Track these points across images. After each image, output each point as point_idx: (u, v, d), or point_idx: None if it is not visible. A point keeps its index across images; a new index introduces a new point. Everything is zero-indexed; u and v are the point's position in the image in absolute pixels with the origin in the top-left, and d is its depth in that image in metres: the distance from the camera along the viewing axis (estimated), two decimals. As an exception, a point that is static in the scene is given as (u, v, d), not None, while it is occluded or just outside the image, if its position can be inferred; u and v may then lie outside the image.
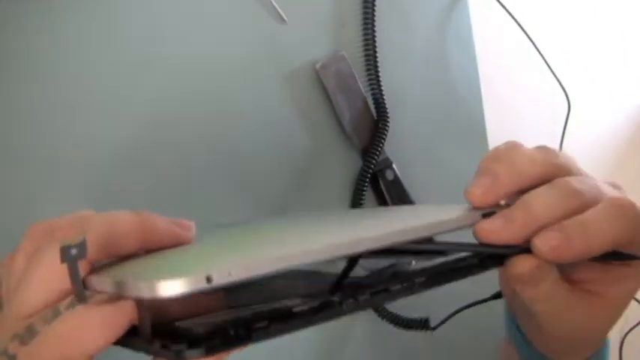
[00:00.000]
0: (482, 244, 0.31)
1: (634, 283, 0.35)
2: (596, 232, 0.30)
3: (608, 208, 0.31)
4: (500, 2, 0.72)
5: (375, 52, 0.59)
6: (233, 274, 0.23)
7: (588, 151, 0.82)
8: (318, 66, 0.56)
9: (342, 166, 0.58)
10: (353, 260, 0.29)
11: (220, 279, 0.23)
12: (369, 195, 0.58)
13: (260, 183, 0.54)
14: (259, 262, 0.24)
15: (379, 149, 0.57)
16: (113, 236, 0.28)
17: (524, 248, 0.31)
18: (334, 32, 0.59)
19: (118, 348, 0.27)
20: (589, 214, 0.31)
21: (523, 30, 0.73)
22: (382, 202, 0.58)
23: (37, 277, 0.27)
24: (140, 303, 0.26)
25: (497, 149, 0.35)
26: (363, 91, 0.58)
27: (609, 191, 0.33)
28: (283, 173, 0.55)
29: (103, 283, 0.26)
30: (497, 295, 0.42)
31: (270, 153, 0.55)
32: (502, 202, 0.33)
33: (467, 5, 0.68)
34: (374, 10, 0.59)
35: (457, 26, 0.67)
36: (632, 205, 0.31)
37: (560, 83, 0.77)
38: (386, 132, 0.58)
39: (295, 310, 0.27)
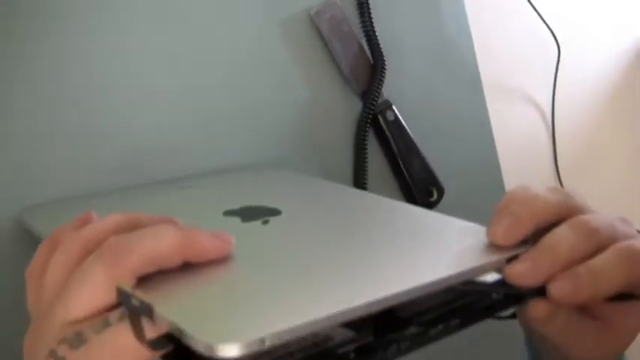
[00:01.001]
0: (505, 286, 0.33)
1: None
2: (605, 278, 0.32)
3: (617, 255, 0.33)
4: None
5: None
6: (284, 336, 0.24)
7: (580, 93, 0.83)
8: (312, 12, 0.57)
9: (343, 109, 0.59)
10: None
11: (273, 341, 0.24)
12: (370, 136, 0.59)
13: (264, 129, 0.55)
14: (309, 324, 0.25)
15: (378, 92, 0.59)
16: (158, 253, 0.29)
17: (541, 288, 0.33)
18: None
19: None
20: (600, 260, 0.33)
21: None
22: (384, 141, 0.60)
23: (84, 290, 0.28)
24: None
25: (511, 192, 0.36)
26: (357, 36, 0.59)
27: (621, 229, 0.35)
28: (286, 118, 0.56)
29: (160, 322, 0.27)
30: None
31: (272, 100, 0.56)
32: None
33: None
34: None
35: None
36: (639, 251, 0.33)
37: (549, 28, 0.78)
38: (383, 75, 0.59)
39: (340, 351, 0.28)
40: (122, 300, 0.27)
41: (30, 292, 0.33)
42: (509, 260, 0.32)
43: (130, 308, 0.27)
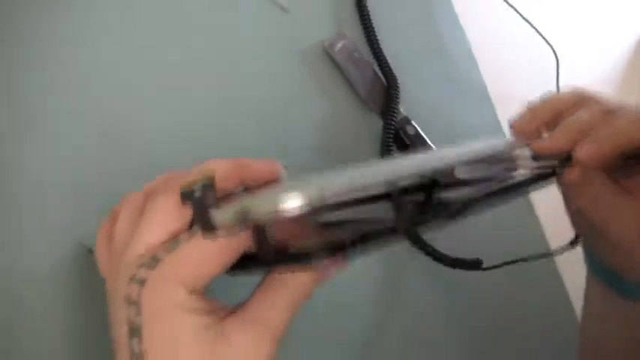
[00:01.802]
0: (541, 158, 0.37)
1: None
2: (623, 134, 0.36)
3: (632, 116, 0.37)
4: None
5: (373, 26, 0.65)
6: (341, 191, 0.27)
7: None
8: (326, 44, 0.62)
9: (365, 128, 0.62)
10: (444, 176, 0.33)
11: (333, 193, 0.26)
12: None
13: (292, 153, 0.58)
14: (363, 179, 0.28)
15: (396, 109, 0.62)
16: (218, 177, 0.32)
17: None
18: (333, 14, 0.65)
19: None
20: (617, 122, 0.37)
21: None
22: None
23: (154, 219, 0.31)
24: (259, 227, 0.30)
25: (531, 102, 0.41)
26: (369, 61, 0.64)
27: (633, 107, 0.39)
28: (310, 142, 0.60)
29: (223, 214, 0.29)
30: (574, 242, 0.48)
31: (296, 124, 0.59)
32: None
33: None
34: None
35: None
36: None
37: (545, 39, 0.82)
38: (398, 93, 0.63)
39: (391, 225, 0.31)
40: (186, 198, 0.29)
41: (100, 255, 0.35)
42: None
43: (195, 203, 0.29)
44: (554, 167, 0.38)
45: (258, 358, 0.31)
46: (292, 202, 0.25)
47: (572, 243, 0.48)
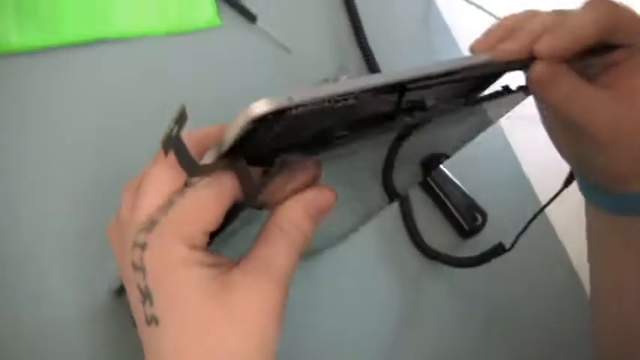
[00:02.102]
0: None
1: None
2: (578, 25, 0.37)
3: (585, 6, 0.38)
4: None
5: (374, 57, 0.67)
6: (308, 91, 0.27)
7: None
8: (330, 79, 0.64)
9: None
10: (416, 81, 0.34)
11: (300, 98, 0.27)
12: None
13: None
14: (333, 87, 0.29)
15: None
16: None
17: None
18: (335, 51, 0.67)
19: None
20: (569, 17, 0.37)
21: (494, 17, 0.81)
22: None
23: (149, 186, 0.32)
24: (241, 167, 0.31)
25: None
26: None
27: None
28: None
29: (207, 155, 0.30)
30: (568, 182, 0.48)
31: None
32: None
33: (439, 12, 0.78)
34: (361, 25, 0.69)
35: (434, 26, 0.76)
36: (607, 0, 0.38)
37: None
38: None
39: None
40: (166, 145, 0.30)
41: (110, 240, 0.36)
42: None
43: (174, 143, 0.29)
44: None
45: (266, 305, 0.31)
46: (260, 108, 0.26)
47: (567, 181, 0.48)
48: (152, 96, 0.57)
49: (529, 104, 0.43)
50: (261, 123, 0.27)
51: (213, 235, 0.32)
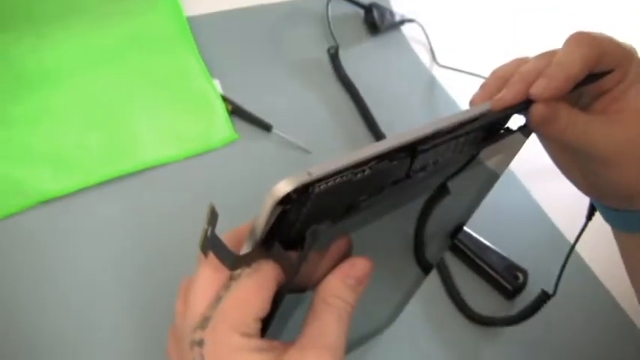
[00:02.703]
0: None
1: (638, 89, 0.42)
2: (568, 63, 0.39)
3: (570, 43, 0.40)
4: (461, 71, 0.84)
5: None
6: (325, 165, 0.29)
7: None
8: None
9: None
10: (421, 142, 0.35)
11: (319, 171, 0.28)
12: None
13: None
14: (348, 156, 0.30)
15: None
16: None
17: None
18: (351, 141, 0.70)
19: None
20: (559, 54, 0.40)
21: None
22: (456, 249, 0.65)
23: (196, 287, 0.34)
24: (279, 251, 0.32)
25: None
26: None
27: None
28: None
29: (244, 248, 0.32)
30: (591, 215, 0.50)
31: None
32: None
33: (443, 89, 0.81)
34: (371, 113, 0.71)
35: (440, 101, 0.79)
36: (587, 34, 0.40)
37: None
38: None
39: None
40: (204, 247, 0.31)
41: (170, 353, 0.37)
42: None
43: (210, 243, 0.31)
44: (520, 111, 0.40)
45: None
46: (283, 188, 0.27)
47: (589, 214, 0.50)
48: (181, 215, 0.59)
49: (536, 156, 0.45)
50: (287, 204, 0.29)
51: (265, 322, 0.33)
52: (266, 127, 0.68)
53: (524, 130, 0.40)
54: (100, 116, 0.65)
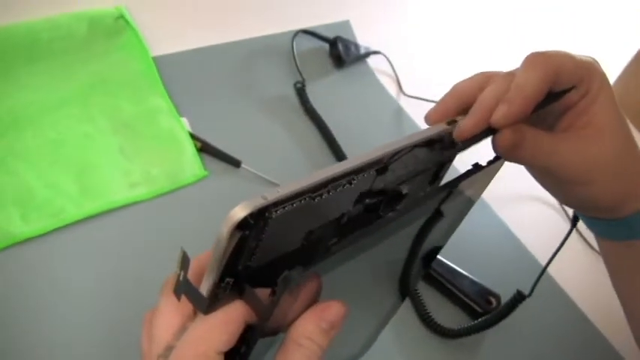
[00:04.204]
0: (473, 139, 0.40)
1: (602, 102, 0.43)
2: (527, 86, 0.39)
3: (525, 65, 0.40)
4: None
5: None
6: (282, 189, 0.29)
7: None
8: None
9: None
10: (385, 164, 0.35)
11: (272, 196, 0.28)
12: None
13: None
14: (305, 179, 0.30)
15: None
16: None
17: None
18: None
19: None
20: (516, 77, 0.40)
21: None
22: (428, 276, 0.66)
23: (161, 319, 0.35)
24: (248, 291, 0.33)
25: None
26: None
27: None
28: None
29: (206, 281, 0.32)
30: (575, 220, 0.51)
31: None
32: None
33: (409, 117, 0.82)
34: (337, 143, 0.72)
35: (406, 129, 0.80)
36: (541, 54, 0.41)
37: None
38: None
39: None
40: (178, 291, 0.32)
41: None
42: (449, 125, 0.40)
43: (183, 288, 0.31)
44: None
45: None
46: (239, 213, 0.28)
47: (574, 222, 0.51)
48: (150, 253, 0.60)
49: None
50: (245, 229, 0.29)
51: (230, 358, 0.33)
52: (235, 163, 0.69)
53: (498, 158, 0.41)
54: (69, 158, 0.65)
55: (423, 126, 0.79)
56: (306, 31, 0.86)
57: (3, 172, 0.61)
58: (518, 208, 0.78)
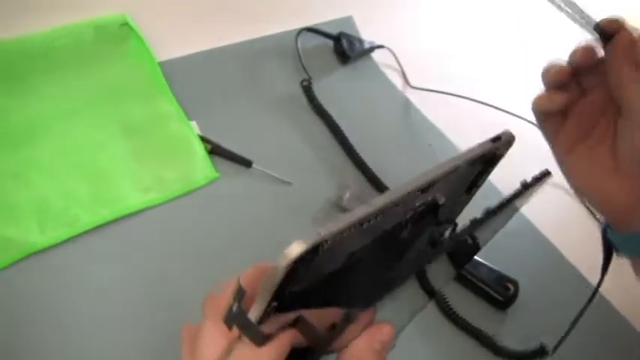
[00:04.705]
0: None
1: None
2: None
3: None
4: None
5: (371, 169, 0.71)
6: (335, 225, 0.30)
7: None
8: (334, 199, 0.67)
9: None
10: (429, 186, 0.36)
11: (326, 231, 0.29)
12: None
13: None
14: (351, 216, 0.31)
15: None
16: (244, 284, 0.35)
17: None
18: (332, 171, 0.71)
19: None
20: None
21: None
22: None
23: (206, 340, 0.35)
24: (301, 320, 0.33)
25: None
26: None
27: None
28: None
29: (254, 307, 0.32)
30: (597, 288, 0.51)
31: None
32: None
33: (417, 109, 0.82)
34: (349, 141, 0.72)
35: (415, 120, 0.81)
36: None
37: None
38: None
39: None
40: (229, 321, 0.32)
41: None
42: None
43: (236, 319, 0.32)
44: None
45: None
46: (296, 251, 0.28)
47: (606, 257, 0.50)
48: (167, 257, 0.60)
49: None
50: (298, 262, 0.29)
51: None
52: (246, 163, 0.69)
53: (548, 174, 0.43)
54: (83, 166, 0.65)
55: (431, 117, 0.81)
56: (309, 29, 0.86)
57: (21, 185, 0.62)
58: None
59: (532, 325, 0.64)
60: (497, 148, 0.41)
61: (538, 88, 0.47)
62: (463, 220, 0.41)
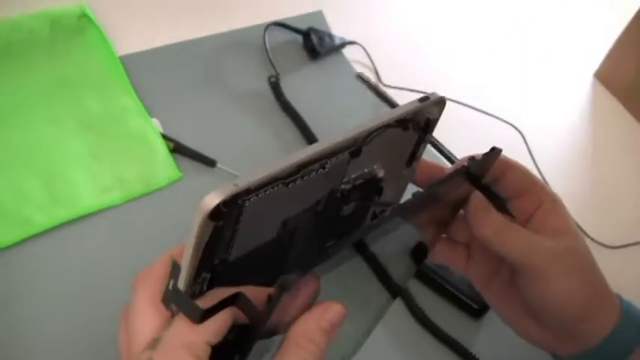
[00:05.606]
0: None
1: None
2: None
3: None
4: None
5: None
6: (253, 175, 0.28)
7: (555, 161, 0.88)
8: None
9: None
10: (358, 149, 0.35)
11: (244, 182, 0.27)
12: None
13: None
14: (270, 167, 0.29)
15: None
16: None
17: None
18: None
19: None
20: None
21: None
22: (420, 272, 0.63)
23: (138, 317, 0.34)
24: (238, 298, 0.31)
25: None
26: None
27: None
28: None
29: (180, 276, 0.31)
30: None
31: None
32: None
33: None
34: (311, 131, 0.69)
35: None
36: None
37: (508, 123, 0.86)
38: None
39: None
40: (166, 300, 0.31)
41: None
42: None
43: (173, 297, 0.30)
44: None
45: None
46: (212, 200, 0.26)
47: None
48: (125, 259, 0.57)
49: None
50: (219, 219, 0.27)
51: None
52: (210, 163, 0.66)
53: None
54: (36, 163, 0.62)
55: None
56: (277, 24, 0.84)
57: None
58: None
59: (509, 335, 0.62)
60: (427, 109, 0.39)
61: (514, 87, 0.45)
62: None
